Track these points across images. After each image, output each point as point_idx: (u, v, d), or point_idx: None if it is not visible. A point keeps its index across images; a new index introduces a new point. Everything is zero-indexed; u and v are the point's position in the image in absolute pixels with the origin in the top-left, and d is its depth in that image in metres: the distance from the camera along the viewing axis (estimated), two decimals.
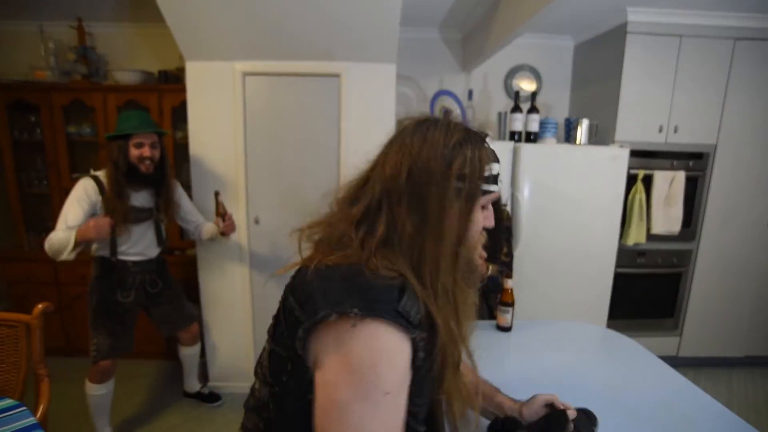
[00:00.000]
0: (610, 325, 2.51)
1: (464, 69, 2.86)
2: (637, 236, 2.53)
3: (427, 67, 2.86)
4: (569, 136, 2.51)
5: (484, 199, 0.65)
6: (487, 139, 0.68)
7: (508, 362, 1.30)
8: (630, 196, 2.50)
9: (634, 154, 2.45)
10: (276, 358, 0.61)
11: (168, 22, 1.93)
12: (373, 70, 2.21)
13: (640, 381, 1.17)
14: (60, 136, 2.59)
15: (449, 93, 2.46)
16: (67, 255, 1.63)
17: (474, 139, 0.64)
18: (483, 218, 0.66)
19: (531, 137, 2.36)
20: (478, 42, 2.53)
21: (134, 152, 1.78)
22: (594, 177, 2.32)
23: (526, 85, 2.87)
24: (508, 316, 1.49)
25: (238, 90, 2.18)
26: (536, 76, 2.88)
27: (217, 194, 2.05)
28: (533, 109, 2.33)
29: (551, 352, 1.37)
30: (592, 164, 2.31)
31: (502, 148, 2.27)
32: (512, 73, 2.88)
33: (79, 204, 1.73)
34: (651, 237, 2.56)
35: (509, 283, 1.49)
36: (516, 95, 2.38)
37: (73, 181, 1.84)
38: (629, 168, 2.41)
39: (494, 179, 0.66)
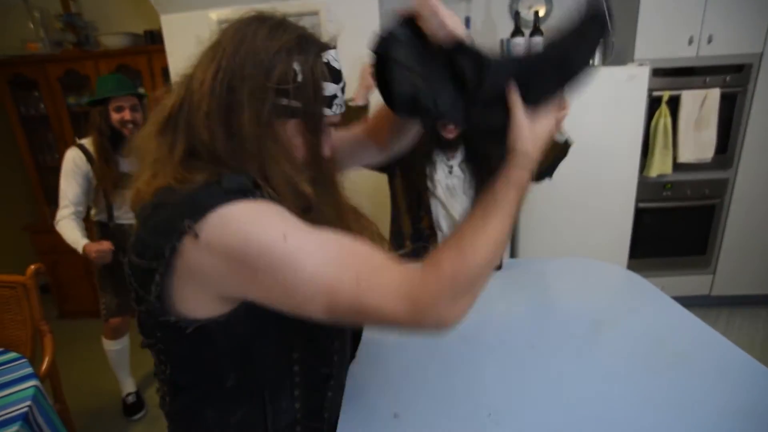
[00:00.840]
0: (631, 265, 2.35)
1: None
2: (661, 166, 2.29)
3: None
4: None
5: (311, 123, 0.55)
6: (331, 53, 0.57)
7: (495, 303, 1.22)
8: (653, 122, 2.24)
9: (658, 73, 2.16)
10: (144, 319, 0.57)
11: None
12: (355, 3, 2.04)
13: (636, 316, 1.06)
14: (62, 108, 2.64)
15: None
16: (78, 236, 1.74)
17: (308, 47, 0.54)
18: (322, 145, 0.58)
19: None
20: None
21: (115, 116, 1.76)
22: (609, 102, 2.08)
23: (536, 9, 2.57)
24: None
25: None
26: None
27: None
28: (537, 32, 2.09)
29: (539, 290, 1.27)
30: (606, 88, 2.06)
31: None
32: None
33: (73, 177, 1.77)
34: (678, 167, 2.31)
35: None
36: (516, 16, 2.13)
37: None
38: (651, 90, 2.14)
39: (328, 101, 0.56)
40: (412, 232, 1.62)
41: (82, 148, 1.79)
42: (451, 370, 0.88)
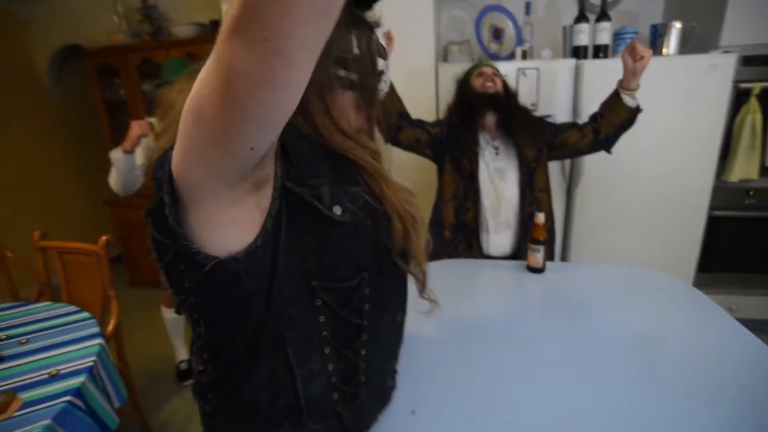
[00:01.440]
0: (699, 280, 2.13)
1: None
2: (745, 170, 2.03)
3: None
4: (655, 46, 2.04)
5: (367, 95, 0.58)
6: (378, 31, 0.60)
7: (531, 307, 1.17)
8: (737, 119, 1.99)
9: (748, 62, 1.91)
10: (172, 272, 0.57)
11: None
12: (410, 15, 2.01)
13: (690, 337, 0.96)
14: (138, 94, 2.88)
15: (499, 8, 2.13)
16: (120, 178, 1.78)
17: (362, 23, 0.57)
18: (371, 116, 0.60)
19: (601, 52, 1.97)
20: None
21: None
22: (684, 95, 1.88)
23: None
24: (539, 255, 1.32)
25: None
26: None
27: None
28: (603, 17, 1.92)
29: (583, 298, 1.19)
30: (682, 79, 1.87)
31: (560, 67, 1.94)
32: None
33: (147, 144, 1.92)
34: (766, 171, 2.04)
35: (540, 217, 1.31)
36: (581, 2, 1.97)
37: None
38: (737, 81, 1.90)
39: (380, 75, 0.59)
40: (455, 223, 1.60)
41: (151, 125, 1.94)
42: (475, 370, 0.86)
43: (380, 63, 0.59)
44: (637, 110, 1.49)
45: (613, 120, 1.49)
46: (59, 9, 3.12)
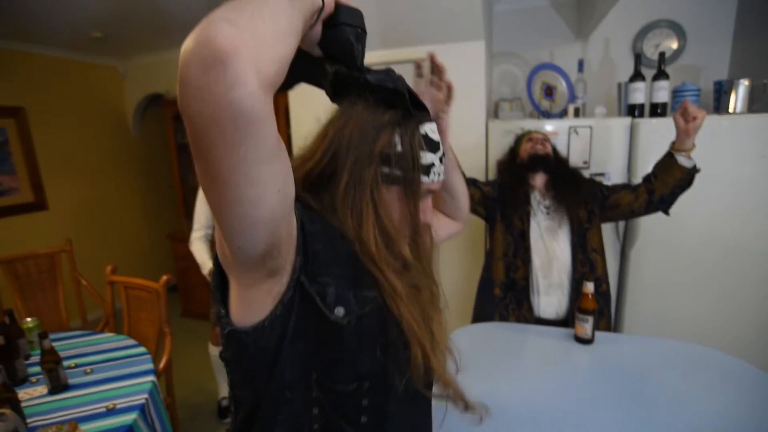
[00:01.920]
0: None
1: (579, 36, 2.47)
2: None
3: (535, 39, 2.56)
4: (719, 105, 1.95)
5: (410, 189, 0.59)
6: (429, 125, 0.62)
7: (578, 381, 1.10)
8: None
9: None
10: (221, 330, 0.60)
11: None
12: (459, 50, 2.09)
13: None
14: None
15: (551, 66, 2.15)
16: (206, 254, 1.97)
17: (408, 121, 0.59)
18: (419, 211, 0.61)
19: (659, 110, 1.91)
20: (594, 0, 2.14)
21: None
22: (754, 156, 1.77)
23: (664, 48, 2.32)
24: (588, 326, 1.26)
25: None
26: (678, 32, 2.31)
27: None
28: (661, 75, 1.88)
29: (634, 377, 1.10)
30: (750, 139, 1.76)
31: (614, 125, 1.90)
32: (644, 33, 2.36)
33: (206, 202, 2.08)
34: None
35: (589, 287, 1.26)
36: (637, 59, 1.95)
37: None
38: None
39: (425, 169, 0.60)
40: (505, 281, 1.59)
41: None
42: None
43: (427, 157, 0.61)
44: (694, 170, 1.45)
45: (668, 180, 1.46)
46: (148, 64, 3.56)
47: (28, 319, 1.67)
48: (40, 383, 1.43)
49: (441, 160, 0.63)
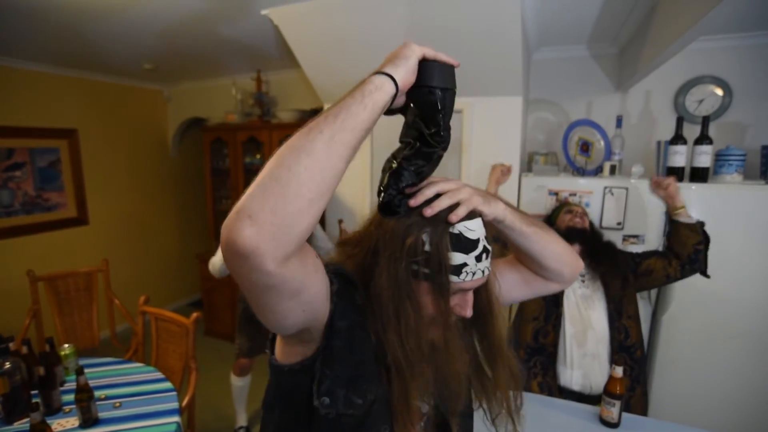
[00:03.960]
0: None
1: (619, 88, 2.44)
2: None
3: (573, 88, 2.54)
4: (767, 171, 1.88)
5: (437, 287, 0.62)
6: (467, 224, 0.62)
7: None
8: None
9: None
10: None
11: (305, 70, 2.24)
12: (497, 104, 2.11)
13: None
14: (240, 165, 3.25)
15: (589, 122, 2.13)
16: (218, 268, 2.03)
17: (437, 222, 0.62)
18: (453, 305, 0.65)
19: (699, 174, 1.86)
20: (636, 54, 2.12)
21: None
22: None
23: (708, 104, 2.26)
24: (615, 410, 1.22)
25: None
26: (724, 88, 2.24)
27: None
28: (704, 139, 1.83)
29: None
30: None
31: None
32: (686, 88, 2.31)
33: None
34: None
35: (618, 371, 1.22)
36: (679, 121, 1.90)
37: None
38: None
39: (455, 269, 0.61)
40: (533, 345, 1.57)
41: None
42: None
43: (457, 257, 0.61)
44: (700, 225, 1.60)
45: (683, 240, 1.56)
46: (191, 89, 3.73)
47: (66, 346, 1.75)
48: (72, 414, 1.49)
49: (478, 257, 0.63)
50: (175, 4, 1.90)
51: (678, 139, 1.87)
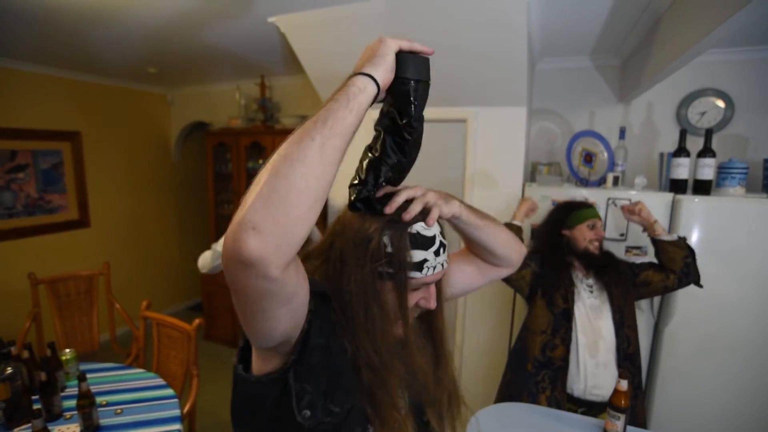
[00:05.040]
0: None
1: (621, 99, 2.45)
2: None
3: (576, 99, 2.55)
4: None
5: (399, 284, 0.66)
6: (422, 224, 0.67)
7: None
8: None
9: None
10: None
11: (311, 77, 2.25)
12: (501, 114, 2.12)
13: None
14: (242, 169, 3.26)
15: (592, 133, 2.14)
16: (209, 264, 1.98)
17: (397, 225, 0.66)
18: (419, 299, 0.69)
19: (703, 187, 1.86)
20: (639, 67, 2.13)
21: None
22: None
23: (710, 116, 2.28)
24: (619, 423, 1.22)
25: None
26: (726, 101, 2.26)
27: None
28: (707, 152, 1.84)
29: None
30: None
31: (655, 200, 1.86)
32: (689, 101, 2.33)
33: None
34: None
35: (623, 384, 1.22)
36: (682, 134, 1.91)
37: None
38: None
39: (416, 266, 0.66)
40: (540, 358, 1.57)
41: None
42: None
43: (416, 255, 0.66)
44: (682, 239, 1.59)
45: (671, 257, 1.57)
46: (195, 94, 3.75)
47: (66, 351, 1.74)
48: (73, 420, 1.48)
49: (437, 252, 0.68)
50: (179, 9, 1.90)
51: (681, 151, 1.88)
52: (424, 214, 0.68)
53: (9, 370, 1.44)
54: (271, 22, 2.01)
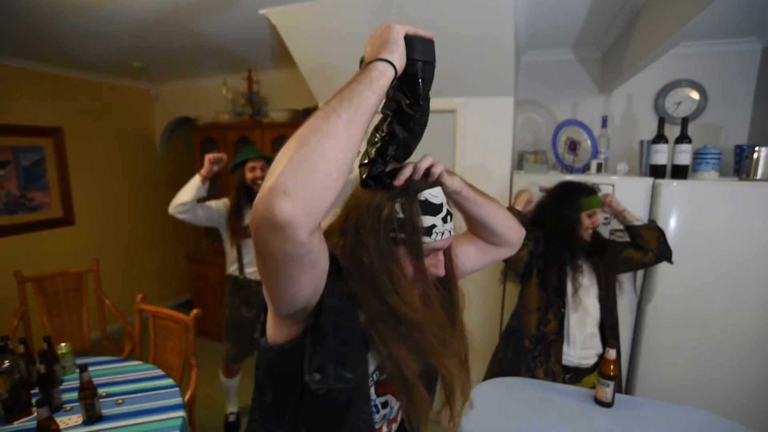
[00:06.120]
0: None
1: (602, 90, 2.55)
2: None
3: (559, 90, 2.64)
4: (740, 169, 2.01)
5: (413, 249, 0.70)
6: (430, 191, 0.72)
7: None
8: None
9: None
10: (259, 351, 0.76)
11: (302, 70, 2.26)
12: (489, 104, 2.18)
13: None
14: (230, 164, 3.24)
15: (576, 122, 2.23)
16: (187, 196, 2.03)
17: (407, 191, 0.71)
18: (429, 266, 0.74)
19: (680, 171, 1.97)
20: (619, 59, 2.23)
21: (249, 175, 2.12)
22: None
23: (686, 106, 2.39)
24: (609, 390, 1.30)
25: None
26: (700, 91, 2.38)
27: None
28: (684, 138, 1.94)
29: None
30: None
31: (636, 185, 1.95)
32: (665, 91, 2.44)
33: (212, 205, 2.14)
34: None
35: (612, 354, 1.30)
36: (661, 122, 2.01)
37: None
38: None
39: (426, 231, 0.70)
40: (536, 334, 1.68)
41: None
42: None
43: (426, 220, 0.70)
44: (652, 222, 1.80)
45: (647, 239, 1.72)
46: (180, 89, 3.70)
47: (62, 345, 1.73)
48: (74, 411, 1.48)
49: (444, 219, 0.72)
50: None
51: (660, 138, 1.98)
52: (433, 183, 0.74)
53: (6, 363, 1.43)
54: (262, 15, 2.02)
